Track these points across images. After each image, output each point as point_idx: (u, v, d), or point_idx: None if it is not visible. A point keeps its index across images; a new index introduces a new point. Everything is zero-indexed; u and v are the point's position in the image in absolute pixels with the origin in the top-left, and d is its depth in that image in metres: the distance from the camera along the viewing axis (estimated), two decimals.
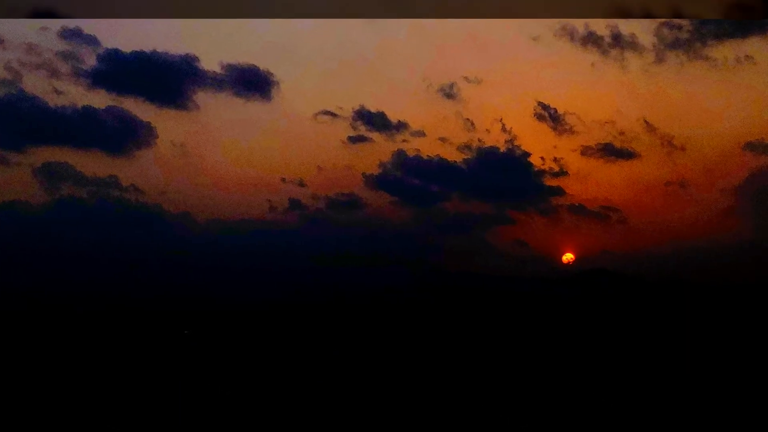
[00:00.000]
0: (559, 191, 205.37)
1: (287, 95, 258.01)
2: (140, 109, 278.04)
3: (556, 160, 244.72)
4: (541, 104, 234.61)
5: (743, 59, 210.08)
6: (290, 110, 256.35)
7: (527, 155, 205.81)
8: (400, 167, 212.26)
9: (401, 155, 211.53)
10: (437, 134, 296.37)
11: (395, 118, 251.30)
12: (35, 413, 48.35)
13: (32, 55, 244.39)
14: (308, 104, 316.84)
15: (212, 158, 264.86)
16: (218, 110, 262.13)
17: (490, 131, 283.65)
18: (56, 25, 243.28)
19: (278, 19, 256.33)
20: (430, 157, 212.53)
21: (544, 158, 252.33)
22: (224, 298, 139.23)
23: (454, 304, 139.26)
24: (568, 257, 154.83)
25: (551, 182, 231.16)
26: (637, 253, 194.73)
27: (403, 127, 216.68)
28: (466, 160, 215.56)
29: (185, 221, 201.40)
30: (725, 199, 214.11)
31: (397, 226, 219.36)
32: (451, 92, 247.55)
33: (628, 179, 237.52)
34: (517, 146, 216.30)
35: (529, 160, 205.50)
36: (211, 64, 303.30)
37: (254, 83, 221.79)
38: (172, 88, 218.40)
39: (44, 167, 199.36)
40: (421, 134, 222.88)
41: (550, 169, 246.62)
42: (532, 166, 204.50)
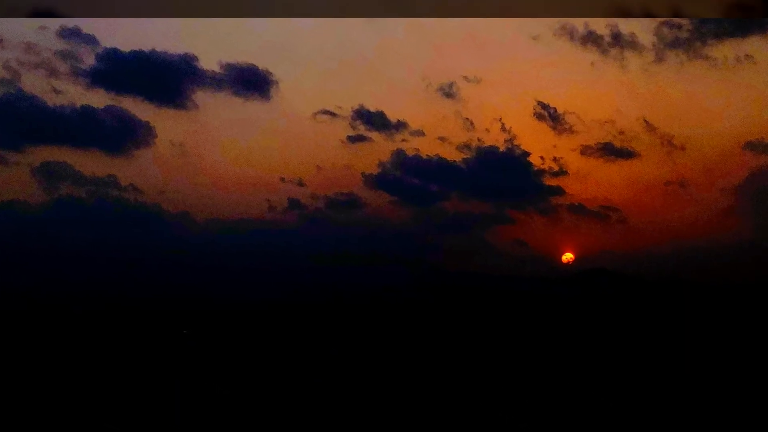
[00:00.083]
0: (558, 191, 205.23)
1: (286, 95, 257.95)
2: (139, 108, 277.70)
3: (555, 159, 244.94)
4: (540, 103, 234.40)
5: (743, 58, 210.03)
6: (289, 110, 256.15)
7: (527, 155, 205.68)
8: (399, 167, 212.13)
9: (400, 155, 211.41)
10: (436, 134, 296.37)
11: (394, 117, 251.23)
12: (34, 413, 48.15)
13: (31, 54, 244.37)
14: (307, 104, 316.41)
15: (211, 158, 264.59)
16: (217, 110, 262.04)
17: (489, 131, 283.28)
18: (55, 24, 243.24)
19: (277, 18, 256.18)
20: (429, 156, 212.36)
21: (543, 158, 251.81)
22: (223, 297, 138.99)
23: (453, 303, 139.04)
24: (567, 257, 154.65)
25: (551, 182, 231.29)
26: (636, 252, 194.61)
27: (402, 126, 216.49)
28: (465, 159, 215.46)
29: (184, 221, 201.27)
30: (725, 198, 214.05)
31: (396, 225, 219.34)
32: (450, 91, 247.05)
33: (627, 179, 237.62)
34: (516, 146, 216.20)
35: (528, 159, 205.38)
36: (210, 63, 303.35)
37: (253, 83, 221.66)
38: (171, 87, 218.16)
39: (43, 167, 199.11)
40: (420, 134, 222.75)
41: (549, 168, 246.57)
42: (531, 165, 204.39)
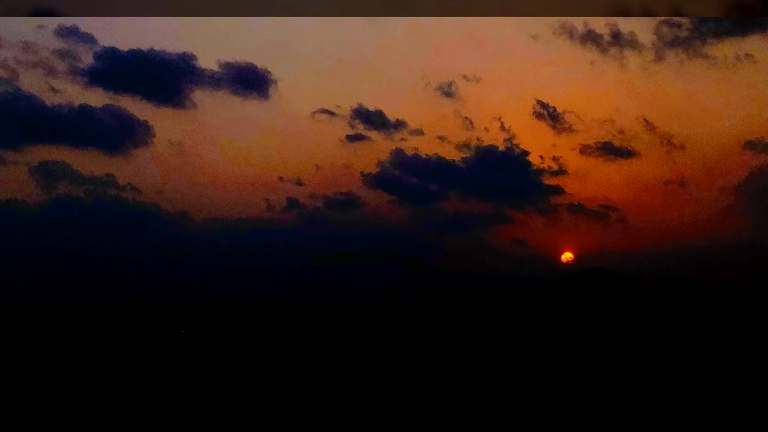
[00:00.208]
0: (558, 190, 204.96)
1: (285, 94, 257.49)
2: (137, 107, 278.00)
3: (555, 158, 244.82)
4: (540, 103, 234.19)
5: (743, 57, 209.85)
6: (288, 109, 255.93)
7: (526, 154, 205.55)
8: (398, 166, 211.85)
9: (399, 154, 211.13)
10: (435, 133, 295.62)
11: (393, 116, 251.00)
12: (33, 412, 47.94)
13: (29, 53, 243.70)
14: (306, 103, 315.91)
15: (210, 157, 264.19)
16: (216, 109, 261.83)
17: (488, 130, 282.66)
18: (53, 23, 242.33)
19: (276, 17, 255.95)
20: (428, 155, 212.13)
21: (543, 157, 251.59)
22: (222, 297, 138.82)
23: (452, 303, 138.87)
24: (567, 256, 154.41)
25: (550, 181, 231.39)
26: (636, 252, 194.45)
27: (401, 125, 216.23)
28: (464, 158, 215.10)
29: (183, 220, 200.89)
30: (725, 197, 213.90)
31: (395, 225, 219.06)
32: (449, 91, 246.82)
33: (627, 178, 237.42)
34: (515, 145, 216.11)
35: (527, 158, 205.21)
36: (208, 62, 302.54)
37: (252, 82, 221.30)
38: (169, 86, 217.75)
39: (41, 166, 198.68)
40: (419, 133, 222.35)
41: (549, 167, 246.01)
42: (530, 164, 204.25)
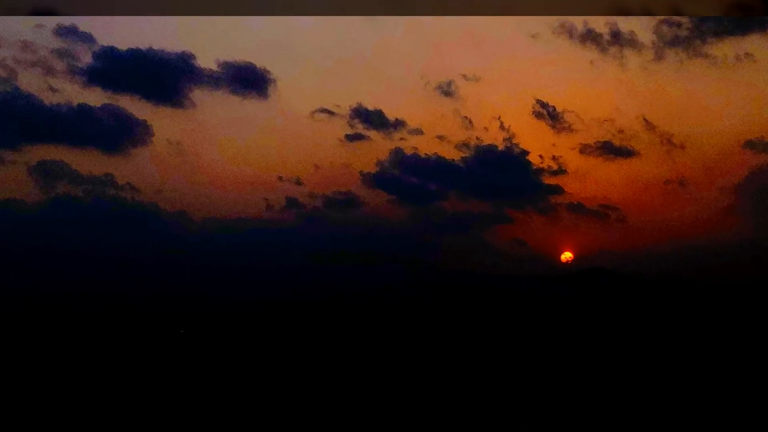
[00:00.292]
0: (557, 190, 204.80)
1: (284, 93, 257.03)
2: (136, 107, 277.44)
3: (554, 158, 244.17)
4: (539, 102, 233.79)
5: (743, 57, 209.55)
6: (287, 108, 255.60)
7: (525, 153, 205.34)
8: (397, 165, 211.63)
9: (399, 153, 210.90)
10: (435, 132, 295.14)
11: (393, 116, 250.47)
12: (31, 412, 47.76)
13: (27, 52, 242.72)
14: (305, 102, 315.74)
15: (209, 156, 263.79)
16: (215, 108, 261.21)
17: (488, 129, 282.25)
18: (52, 22, 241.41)
19: (275, 16, 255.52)
20: (427, 155, 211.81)
21: (542, 156, 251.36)
22: (221, 296, 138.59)
23: (451, 303, 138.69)
24: (566, 256, 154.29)
25: (550, 180, 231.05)
26: (636, 251, 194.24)
27: (400, 125, 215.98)
28: (464, 158, 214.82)
29: (181, 220, 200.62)
30: (725, 197, 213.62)
31: (394, 224, 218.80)
32: (448, 90, 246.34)
33: (627, 177, 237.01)
34: (515, 144, 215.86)
35: (527, 158, 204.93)
36: (207, 61, 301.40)
37: (251, 81, 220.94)
38: (168, 85, 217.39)
39: (39, 165, 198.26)
40: (418, 132, 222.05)
41: (548, 167, 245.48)
42: (530, 164, 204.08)
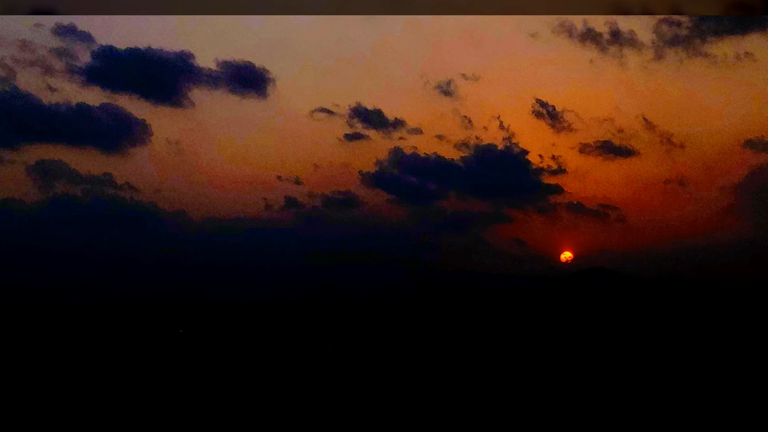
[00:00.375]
0: (557, 189, 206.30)
1: (283, 92, 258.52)
2: (135, 106, 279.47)
3: (554, 157, 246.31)
4: (539, 101, 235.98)
5: (743, 56, 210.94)
6: (286, 107, 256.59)
7: (525, 153, 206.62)
8: (396, 165, 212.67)
9: (398, 153, 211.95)
10: (434, 132, 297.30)
11: (392, 115, 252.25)
12: (28, 412, 47.35)
13: (26, 51, 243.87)
14: (304, 101, 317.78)
15: (207, 156, 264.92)
16: (213, 107, 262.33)
17: (487, 129, 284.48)
18: (50, 21, 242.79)
19: (274, 15, 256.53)
20: (427, 154, 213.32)
21: (542, 156, 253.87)
22: (219, 296, 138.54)
23: (451, 302, 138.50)
24: (566, 256, 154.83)
25: (549, 180, 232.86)
26: (635, 251, 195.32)
27: (399, 124, 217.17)
28: (463, 157, 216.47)
29: (180, 219, 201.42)
30: (725, 196, 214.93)
31: (393, 224, 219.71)
32: (448, 89, 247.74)
33: (626, 177, 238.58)
34: (514, 144, 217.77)
35: (527, 157, 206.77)
36: (206, 60, 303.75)
37: (250, 80, 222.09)
38: (167, 85, 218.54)
39: (38, 165, 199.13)
40: (418, 132, 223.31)
41: (548, 166, 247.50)
42: (530, 163, 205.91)
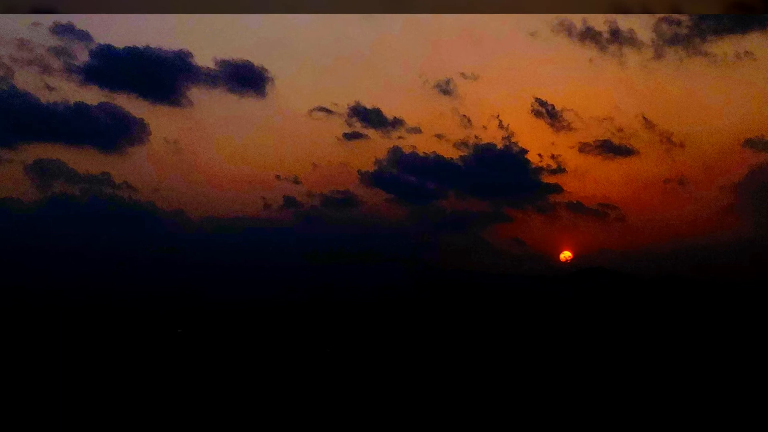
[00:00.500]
0: (556, 188, 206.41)
1: (282, 91, 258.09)
2: (133, 105, 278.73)
3: (553, 157, 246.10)
4: (538, 100, 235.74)
5: (743, 55, 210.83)
6: (285, 106, 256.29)
7: (524, 152, 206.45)
8: (395, 164, 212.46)
9: (397, 152, 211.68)
10: (433, 131, 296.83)
11: (391, 114, 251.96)
12: (27, 412, 47.02)
13: (24, 50, 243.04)
14: (303, 100, 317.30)
15: (206, 155, 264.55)
16: (212, 107, 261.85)
17: (486, 128, 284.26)
18: (48, 20, 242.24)
19: (273, 14, 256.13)
20: (426, 154, 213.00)
21: (541, 155, 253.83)
22: (218, 295, 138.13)
23: (450, 302, 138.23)
24: (566, 255, 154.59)
25: (549, 179, 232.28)
26: (635, 250, 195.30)
27: (398, 123, 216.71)
28: (462, 157, 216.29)
29: (179, 219, 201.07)
30: (725, 196, 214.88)
31: (392, 223, 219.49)
32: (447, 88, 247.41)
33: (626, 176, 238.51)
34: (514, 143, 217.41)
35: (526, 157, 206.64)
36: (204, 59, 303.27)
37: (248, 79, 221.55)
38: (165, 84, 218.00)
39: (36, 164, 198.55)
40: (417, 131, 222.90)
41: (547, 166, 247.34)
42: (529, 163, 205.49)
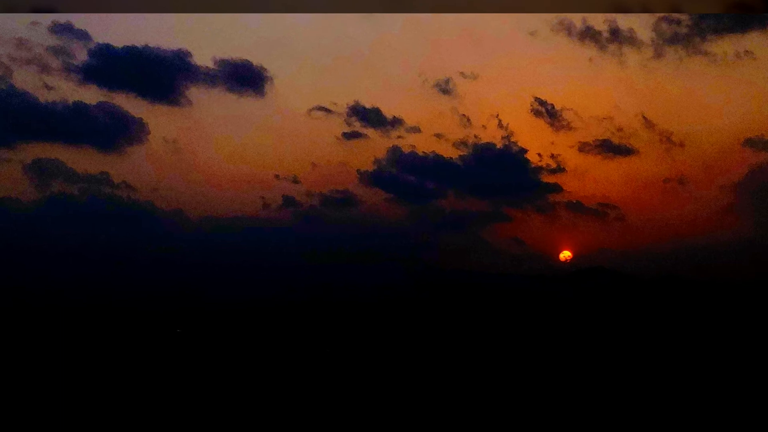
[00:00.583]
0: (556, 188, 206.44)
1: (281, 91, 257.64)
2: (132, 104, 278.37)
3: (553, 156, 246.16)
4: (538, 100, 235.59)
5: (743, 54, 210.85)
6: (284, 106, 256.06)
7: (524, 151, 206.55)
8: (395, 164, 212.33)
9: (396, 151, 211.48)
10: (433, 130, 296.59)
11: (390, 113, 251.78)
12: (26, 412, 46.81)
13: (22, 50, 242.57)
14: (302, 100, 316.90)
15: (205, 155, 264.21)
16: (211, 106, 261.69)
17: (486, 127, 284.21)
18: (47, 19, 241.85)
19: (272, 13, 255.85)
20: (425, 153, 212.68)
21: (541, 155, 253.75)
22: (217, 295, 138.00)
23: (450, 301, 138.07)
24: (565, 255, 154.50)
25: (548, 179, 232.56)
26: (635, 250, 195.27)
27: (398, 122, 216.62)
28: (462, 156, 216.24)
29: (178, 218, 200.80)
30: (724, 195, 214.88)
31: (392, 223, 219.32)
32: (446, 88, 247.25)
33: (626, 176, 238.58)
34: (513, 142, 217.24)
35: (525, 156, 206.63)
36: (203, 59, 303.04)
37: (247, 78, 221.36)
38: (164, 83, 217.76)
39: (35, 164, 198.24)
40: (416, 130, 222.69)
41: (547, 165, 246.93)
42: (528, 162, 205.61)
